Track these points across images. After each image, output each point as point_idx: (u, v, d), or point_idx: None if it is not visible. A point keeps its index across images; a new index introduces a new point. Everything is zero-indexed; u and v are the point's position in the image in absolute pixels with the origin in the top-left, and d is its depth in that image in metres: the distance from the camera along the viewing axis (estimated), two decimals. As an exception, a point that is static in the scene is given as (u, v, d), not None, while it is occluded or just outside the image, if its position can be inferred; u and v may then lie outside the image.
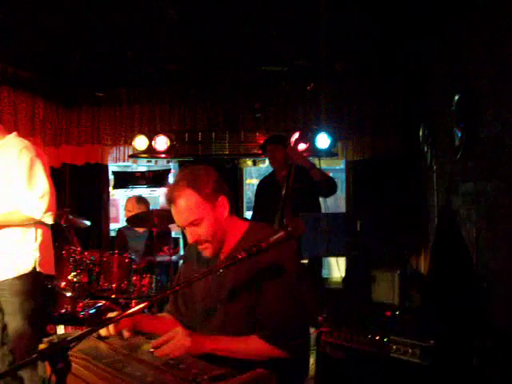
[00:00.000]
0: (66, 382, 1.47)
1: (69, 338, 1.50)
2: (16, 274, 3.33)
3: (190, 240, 2.24)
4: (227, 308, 2.22)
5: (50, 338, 2.21)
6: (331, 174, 7.27)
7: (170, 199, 2.20)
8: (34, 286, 3.42)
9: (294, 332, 2.14)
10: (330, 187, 5.04)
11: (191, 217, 2.17)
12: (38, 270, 3.40)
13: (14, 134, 3.51)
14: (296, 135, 5.71)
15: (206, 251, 2.26)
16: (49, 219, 3.39)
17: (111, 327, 2.15)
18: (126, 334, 2.17)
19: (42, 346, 1.94)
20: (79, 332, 1.74)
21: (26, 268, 3.35)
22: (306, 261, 4.75)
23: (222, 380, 1.64)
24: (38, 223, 3.40)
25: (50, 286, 4.18)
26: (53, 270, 3.67)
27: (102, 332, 2.19)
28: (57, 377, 1.46)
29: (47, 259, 3.52)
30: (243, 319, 2.17)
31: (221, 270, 2.24)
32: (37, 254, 3.40)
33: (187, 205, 2.16)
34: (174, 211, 2.21)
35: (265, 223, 2.51)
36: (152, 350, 2.00)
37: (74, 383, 1.90)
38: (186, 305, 2.46)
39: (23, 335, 3.29)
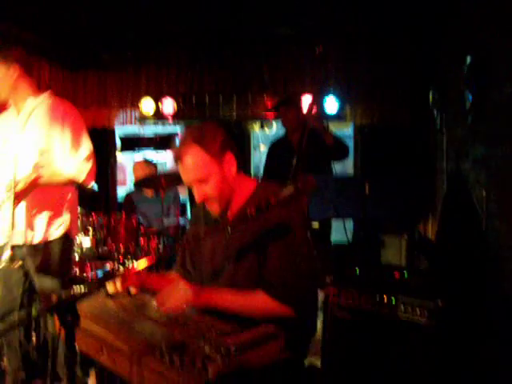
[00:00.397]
0: (75, 336, 1.48)
1: (76, 293, 1.50)
2: (50, 237, 3.29)
3: (197, 198, 2.22)
4: (235, 267, 2.21)
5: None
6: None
7: (177, 157, 2.17)
8: (65, 249, 3.40)
9: (301, 290, 2.13)
10: (342, 151, 5.02)
11: (198, 174, 2.16)
12: (68, 233, 3.37)
13: (49, 92, 3.36)
14: (309, 98, 5.68)
15: (214, 209, 2.24)
16: (90, 181, 3.33)
17: (119, 284, 2.15)
18: (133, 290, 2.18)
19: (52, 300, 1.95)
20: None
21: (59, 231, 3.32)
22: (316, 223, 4.75)
23: (230, 335, 1.64)
24: (71, 185, 3.35)
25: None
26: (76, 234, 3.65)
27: (110, 289, 2.20)
28: (66, 330, 1.46)
29: (75, 222, 3.49)
30: (251, 278, 2.16)
31: (229, 230, 2.24)
32: (69, 217, 3.37)
33: (194, 162, 2.14)
34: (181, 169, 2.20)
35: (274, 182, 2.49)
36: (156, 305, 2.02)
37: (84, 339, 1.92)
38: (194, 265, 2.46)
39: (50, 297, 3.26)
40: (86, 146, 3.27)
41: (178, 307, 1.97)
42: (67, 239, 3.37)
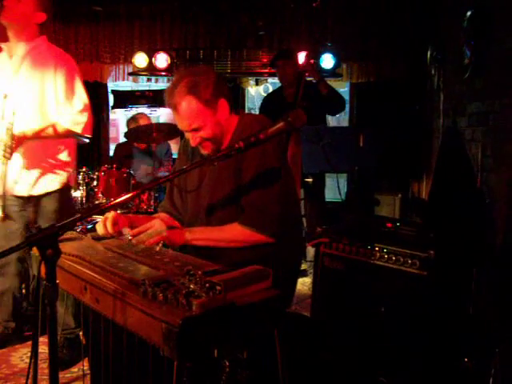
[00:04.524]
0: (56, 270, 1.43)
1: (58, 225, 1.45)
2: (52, 188, 3.22)
3: (192, 143, 2.27)
4: (220, 201, 2.28)
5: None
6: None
7: (171, 104, 2.20)
8: (67, 201, 3.37)
9: (274, 215, 2.18)
10: (338, 102, 4.88)
11: (194, 124, 2.19)
12: (67, 185, 3.33)
13: (42, 38, 3.21)
14: (303, 54, 5.58)
15: (206, 149, 2.29)
16: (88, 133, 3.25)
17: (109, 226, 2.14)
18: (126, 230, 2.16)
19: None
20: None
21: (61, 182, 3.27)
22: (310, 180, 4.71)
23: (216, 274, 1.61)
24: (73, 137, 3.29)
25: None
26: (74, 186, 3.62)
27: (100, 231, 2.17)
28: (46, 263, 1.42)
29: (74, 174, 3.45)
30: (235, 209, 2.24)
31: (215, 165, 2.26)
32: (70, 169, 3.32)
33: (189, 112, 2.17)
34: (175, 116, 2.23)
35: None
36: (130, 237, 2.06)
37: (67, 280, 1.88)
38: (181, 198, 2.52)
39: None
40: (81, 96, 3.19)
41: (150, 242, 2.02)
42: (67, 191, 3.35)
